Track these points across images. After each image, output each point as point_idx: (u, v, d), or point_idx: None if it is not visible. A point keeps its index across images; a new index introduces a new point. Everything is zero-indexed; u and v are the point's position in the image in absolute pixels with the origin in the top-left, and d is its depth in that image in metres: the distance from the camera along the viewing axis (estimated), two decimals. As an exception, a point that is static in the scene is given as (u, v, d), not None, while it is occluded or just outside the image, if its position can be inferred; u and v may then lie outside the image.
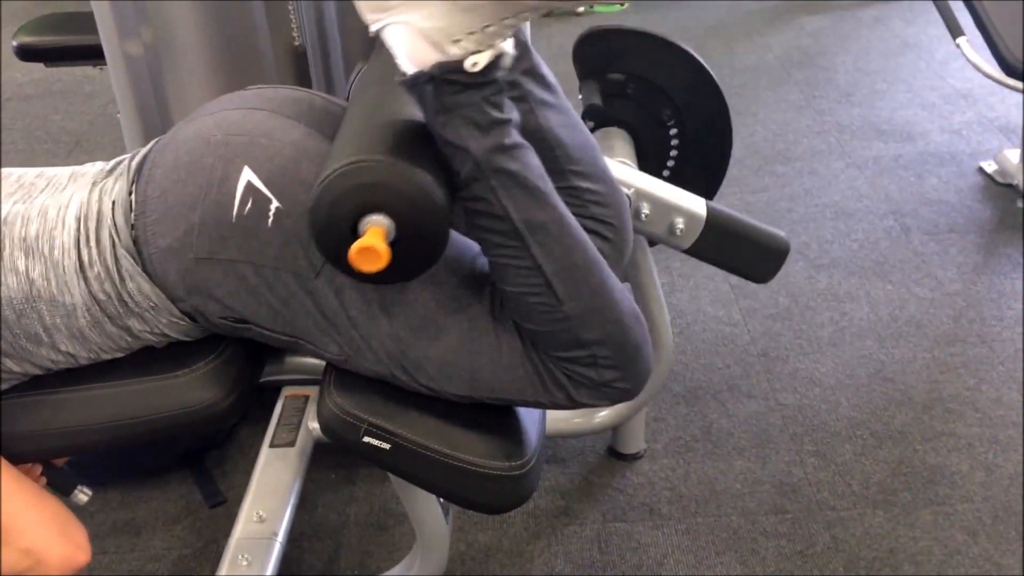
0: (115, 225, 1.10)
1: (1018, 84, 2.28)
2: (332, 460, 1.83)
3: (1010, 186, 2.61)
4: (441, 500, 1.30)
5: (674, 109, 1.73)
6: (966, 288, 2.24)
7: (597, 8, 4.02)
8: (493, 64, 0.98)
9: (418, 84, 0.99)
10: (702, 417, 1.92)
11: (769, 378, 2.01)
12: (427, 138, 1.03)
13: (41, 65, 2.44)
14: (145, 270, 1.10)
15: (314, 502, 1.78)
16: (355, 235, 0.99)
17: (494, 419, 1.14)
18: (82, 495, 1.30)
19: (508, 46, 0.99)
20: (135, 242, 1.10)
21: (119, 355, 1.17)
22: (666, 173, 1.78)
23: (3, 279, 1.09)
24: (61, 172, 1.20)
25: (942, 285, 2.26)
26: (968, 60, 2.53)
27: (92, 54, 2.14)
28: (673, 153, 1.79)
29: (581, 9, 3.94)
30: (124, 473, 1.85)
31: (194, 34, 1.75)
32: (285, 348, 1.15)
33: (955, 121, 2.99)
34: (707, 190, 1.74)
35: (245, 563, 1.51)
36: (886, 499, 1.72)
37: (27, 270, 1.09)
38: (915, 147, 2.85)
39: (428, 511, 1.31)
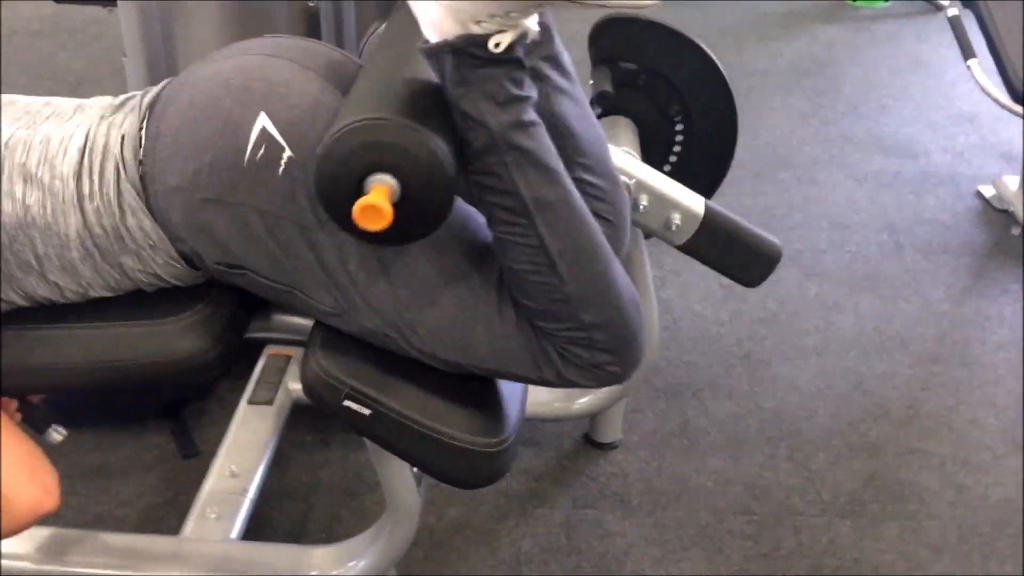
0: (123, 159, 1.10)
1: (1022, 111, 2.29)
2: (309, 422, 1.83)
3: (1006, 212, 2.62)
4: (414, 471, 1.31)
5: (683, 105, 1.72)
6: (953, 309, 2.26)
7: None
8: (515, 42, 0.98)
9: (440, 54, 0.99)
10: (680, 413, 1.93)
11: (750, 381, 2.02)
12: (440, 104, 1.03)
13: (51, 2, 2.41)
14: (148, 207, 1.10)
15: (287, 462, 1.78)
16: (359, 193, 0.99)
17: (476, 395, 1.14)
18: (56, 434, 1.30)
19: (532, 23, 1.00)
20: (142, 179, 1.10)
21: (107, 294, 1.16)
22: (667, 168, 1.77)
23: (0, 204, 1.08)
24: (67, 103, 1.19)
25: (930, 304, 2.27)
26: (977, 82, 2.53)
27: (104, -6, 2.12)
28: (676, 149, 1.79)
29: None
30: (100, 417, 1.84)
31: (208, -17, 1.74)
32: (276, 299, 1.15)
33: (958, 143, 2.99)
34: (706, 189, 1.75)
35: (213, 516, 1.52)
36: (855, 510, 1.73)
37: (24, 196, 1.09)
38: (916, 165, 2.85)
39: (401, 481, 1.31)
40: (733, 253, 1.53)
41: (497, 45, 0.97)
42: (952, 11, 2.59)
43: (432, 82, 1.05)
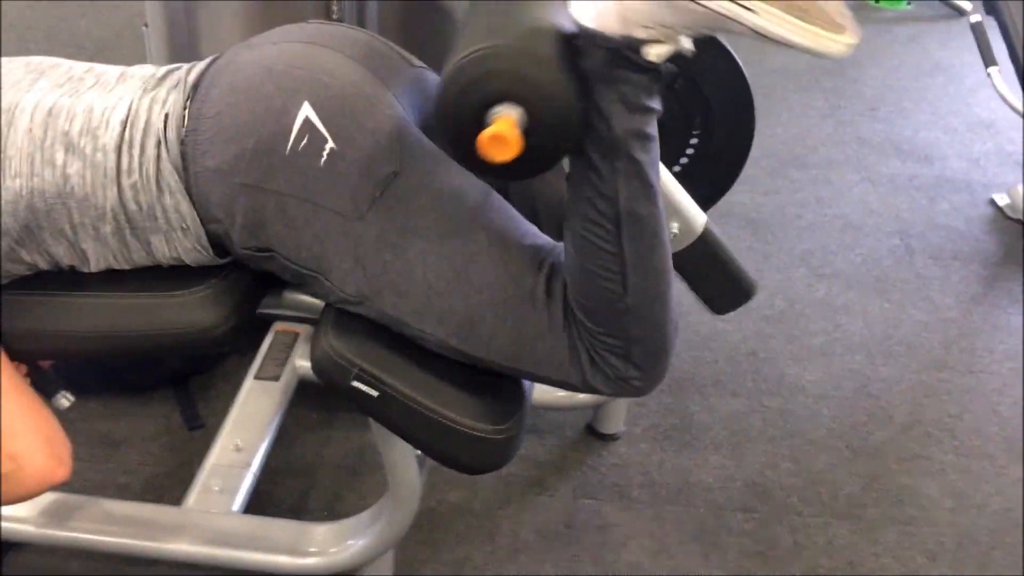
0: (165, 138, 1.10)
1: (1043, 121, 2.28)
2: (314, 400, 1.84)
3: (1019, 221, 2.61)
4: (418, 454, 1.31)
5: (706, 121, 1.72)
6: (962, 317, 2.25)
7: None
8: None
9: (594, 43, 0.98)
10: (684, 408, 1.94)
11: (755, 379, 2.02)
12: (565, 48, 1.01)
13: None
14: (187, 188, 1.10)
15: (291, 439, 1.79)
16: (480, 123, 0.97)
17: (484, 381, 1.15)
18: (64, 400, 1.31)
19: (687, 43, 0.99)
20: (182, 157, 1.10)
21: (127, 267, 1.17)
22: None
23: (40, 171, 1.09)
24: (111, 70, 1.19)
25: (938, 310, 2.26)
26: (997, 90, 2.52)
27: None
28: (683, 160, 1.79)
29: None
30: (108, 385, 1.86)
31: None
32: (298, 282, 1.15)
33: (975, 150, 2.98)
34: (701, 204, 1.76)
35: (217, 488, 1.53)
36: (853, 512, 1.73)
37: (64, 165, 1.09)
38: (932, 170, 2.85)
39: (404, 462, 1.32)
40: (713, 278, 1.53)
41: (654, 54, 0.97)
42: (975, 17, 2.58)
43: (557, 25, 1.02)
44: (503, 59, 0.97)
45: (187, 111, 1.11)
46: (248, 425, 1.64)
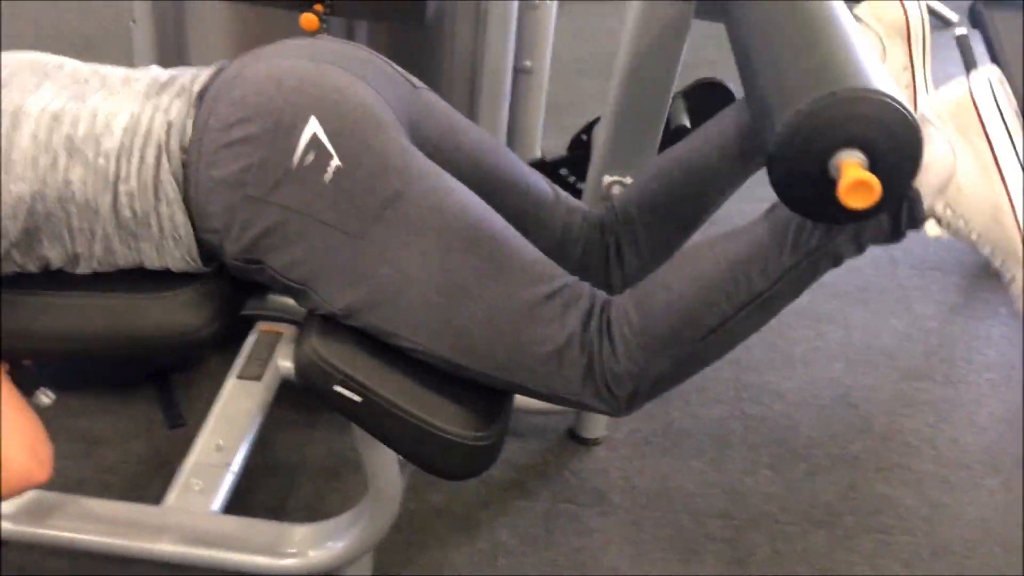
0: (167, 148, 1.10)
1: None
2: (296, 400, 1.83)
3: (1001, 234, 2.63)
4: (399, 457, 1.32)
5: None
6: (941, 327, 2.27)
7: None
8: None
9: (905, 190, 0.99)
10: (665, 414, 1.95)
11: (737, 386, 2.03)
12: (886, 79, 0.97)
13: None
14: (185, 198, 1.10)
15: (272, 438, 1.79)
16: (824, 172, 0.94)
17: (467, 387, 1.15)
18: (45, 398, 1.31)
19: (945, 235, 1.05)
20: (184, 167, 1.10)
21: (110, 271, 1.17)
22: None
23: (43, 175, 1.09)
24: (115, 73, 1.19)
25: (919, 320, 2.28)
26: (981, 104, 2.53)
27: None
28: None
29: None
30: (89, 382, 1.85)
31: (222, -43, 1.73)
32: (284, 293, 1.15)
33: (958, 161, 3.00)
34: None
35: (197, 487, 1.53)
36: (831, 520, 1.75)
37: (66, 170, 1.09)
38: (915, 181, 2.87)
39: (384, 465, 1.32)
40: None
41: (929, 230, 1.02)
42: (960, 30, 2.59)
43: (871, 53, 1.00)
44: (852, 104, 0.93)
45: (192, 120, 1.11)
46: (230, 424, 1.64)
